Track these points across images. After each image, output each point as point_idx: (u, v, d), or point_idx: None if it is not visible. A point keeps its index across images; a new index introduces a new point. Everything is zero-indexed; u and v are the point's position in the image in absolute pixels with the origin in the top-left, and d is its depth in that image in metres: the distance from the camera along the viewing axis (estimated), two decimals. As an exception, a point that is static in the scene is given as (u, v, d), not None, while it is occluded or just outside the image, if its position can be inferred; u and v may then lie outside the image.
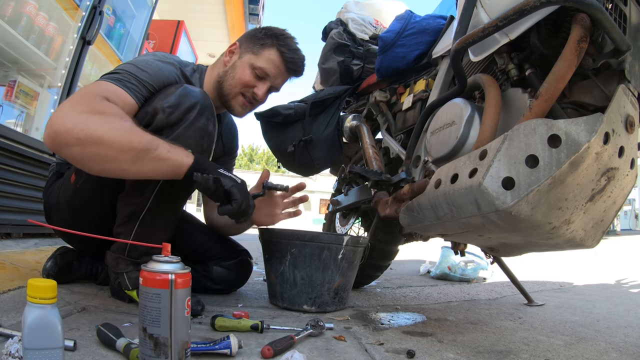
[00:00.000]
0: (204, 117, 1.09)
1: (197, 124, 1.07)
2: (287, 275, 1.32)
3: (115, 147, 0.90)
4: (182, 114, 1.06)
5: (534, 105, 0.86)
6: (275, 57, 1.29)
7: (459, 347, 1.03)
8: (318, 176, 26.08)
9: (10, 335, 0.71)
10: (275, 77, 1.31)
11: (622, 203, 0.93)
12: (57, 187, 1.27)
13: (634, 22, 0.86)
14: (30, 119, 2.36)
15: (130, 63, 1.13)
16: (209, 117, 1.10)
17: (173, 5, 5.30)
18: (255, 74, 1.28)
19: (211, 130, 1.11)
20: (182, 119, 1.06)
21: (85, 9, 2.51)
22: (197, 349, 0.79)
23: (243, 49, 1.31)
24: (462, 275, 2.40)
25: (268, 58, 1.28)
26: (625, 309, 1.69)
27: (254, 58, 1.28)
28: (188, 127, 1.06)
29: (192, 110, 1.07)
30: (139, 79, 1.08)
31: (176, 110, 1.05)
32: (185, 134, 1.06)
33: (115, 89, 1.03)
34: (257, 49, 1.29)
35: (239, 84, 1.28)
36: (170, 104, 1.05)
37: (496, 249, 1.16)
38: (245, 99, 1.30)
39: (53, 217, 1.27)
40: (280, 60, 1.29)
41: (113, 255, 1.16)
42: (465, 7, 1.02)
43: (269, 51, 1.29)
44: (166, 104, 1.05)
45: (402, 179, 1.28)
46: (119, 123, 0.92)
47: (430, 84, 1.51)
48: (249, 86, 1.29)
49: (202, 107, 1.09)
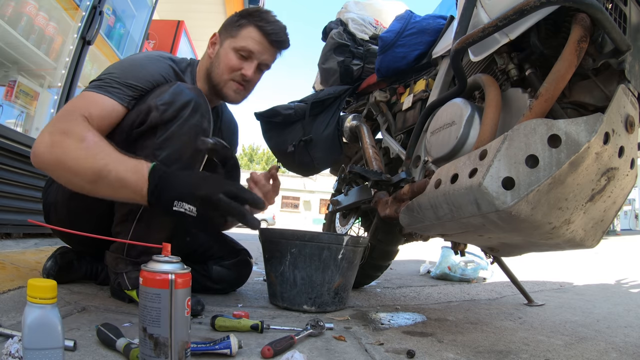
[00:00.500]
0: (198, 113, 1.09)
1: (191, 120, 1.07)
2: (287, 275, 1.32)
3: (71, 171, 0.92)
4: (176, 111, 1.06)
5: (534, 105, 0.86)
6: (254, 34, 1.27)
7: (459, 347, 1.03)
8: (318, 176, 26.09)
9: (10, 335, 0.71)
10: (261, 52, 1.28)
11: (622, 203, 0.94)
12: (55, 187, 1.27)
13: (634, 22, 0.86)
14: (30, 119, 2.36)
15: (116, 65, 1.14)
16: (204, 114, 1.10)
17: (173, 5, 5.30)
18: (239, 56, 1.26)
19: (206, 127, 1.11)
20: (176, 116, 1.06)
21: (85, 9, 2.51)
22: (197, 349, 0.79)
23: (222, 37, 1.30)
24: (462, 275, 2.40)
25: (247, 36, 1.26)
26: (625, 309, 1.69)
27: (233, 41, 1.27)
28: (182, 124, 1.06)
29: (186, 108, 1.07)
30: (123, 82, 1.08)
31: (170, 107, 1.06)
32: (179, 131, 1.06)
33: (96, 99, 1.04)
34: (235, 31, 1.28)
35: (226, 70, 1.27)
36: (164, 102, 1.06)
37: (496, 249, 1.16)
38: (237, 83, 1.29)
39: (52, 217, 1.27)
40: (260, 35, 1.27)
41: (112, 255, 1.16)
42: (465, 7, 1.02)
43: (246, 29, 1.27)
44: (160, 101, 1.06)
45: (402, 179, 1.28)
46: (76, 146, 0.92)
47: (430, 84, 1.51)
48: (236, 69, 1.27)
49: (197, 104, 1.09)
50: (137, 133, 1.09)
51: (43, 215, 1.33)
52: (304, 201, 31.87)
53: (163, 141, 1.07)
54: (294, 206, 31.80)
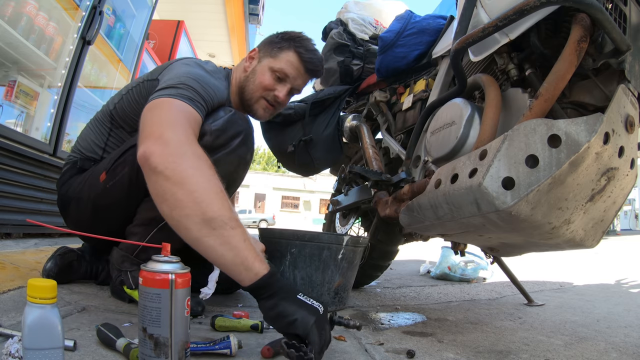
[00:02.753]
0: (245, 146, 1.13)
1: (238, 151, 1.11)
2: (287, 275, 1.32)
3: (194, 197, 0.79)
4: (227, 139, 1.09)
5: (534, 105, 0.86)
6: (294, 59, 1.31)
7: (459, 347, 1.03)
8: (318, 176, 26.10)
9: (10, 335, 0.71)
10: (295, 78, 1.32)
11: (622, 203, 0.94)
12: (79, 181, 1.25)
13: (634, 22, 0.86)
14: (30, 119, 2.36)
15: (190, 77, 1.06)
16: (250, 147, 1.15)
17: (173, 5, 5.30)
18: (275, 77, 1.30)
19: (248, 160, 1.17)
20: (225, 144, 1.09)
21: (85, 9, 2.51)
22: (197, 349, 0.79)
23: (262, 54, 1.33)
24: (462, 275, 2.40)
25: (286, 60, 1.30)
26: (625, 309, 1.69)
27: (272, 61, 1.30)
28: (229, 153, 1.10)
29: (237, 138, 1.11)
30: (203, 98, 1.04)
31: (222, 134, 1.08)
32: (225, 159, 1.09)
33: (191, 112, 0.98)
34: (275, 52, 1.31)
35: (259, 88, 1.30)
36: (218, 128, 1.08)
37: (496, 249, 1.16)
38: (268, 103, 1.32)
39: (71, 211, 1.26)
40: (298, 61, 1.31)
41: (120, 252, 1.16)
42: (465, 7, 1.02)
43: (286, 53, 1.31)
44: (214, 127, 1.07)
45: (402, 179, 1.28)
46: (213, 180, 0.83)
47: (430, 84, 1.51)
48: (270, 89, 1.30)
49: (246, 136, 1.13)
50: None
51: (58, 207, 1.31)
52: (304, 201, 31.88)
53: None
54: (294, 206, 31.80)
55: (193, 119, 0.97)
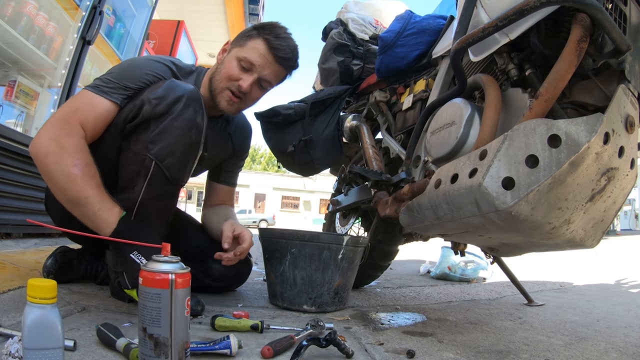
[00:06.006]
0: (191, 108, 1.09)
1: (184, 115, 1.08)
2: (287, 275, 1.32)
3: (58, 186, 1.03)
4: (168, 105, 1.07)
5: (534, 105, 0.86)
6: (260, 46, 1.25)
7: (459, 347, 1.03)
8: (318, 176, 26.10)
9: (10, 335, 0.71)
10: (263, 67, 1.26)
11: (622, 203, 0.94)
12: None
13: (634, 22, 0.86)
14: (30, 119, 2.36)
15: (117, 66, 1.21)
16: (197, 109, 1.10)
17: (173, 5, 5.30)
18: (240, 66, 1.25)
19: (199, 122, 1.11)
20: (168, 110, 1.07)
21: (85, 9, 2.51)
22: (197, 349, 0.79)
23: (232, 45, 1.30)
24: (462, 275, 2.40)
25: (252, 47, 1.25)
26: (625, 309, 1.69)
27: (239, 50, 1.26)
28: (175, 119, 1.07)
29: (179, 102, 1.07)
30: (118, 82, 1.13)
31: (162, 101, 1.07)
32: (172, 125, 1.06)
33: (93, 99, 1.10)
34: (243, 41, 1.27)
35: (224, 78, 1.26)
36: (157, 96, 1.07)
37: (496, 249, 1.16)
38: (232, 94, 1.26)
39: (50, 208, 1.28)
40: (265, 49, 1.25)
41: (111, 254, 1.16)
42: (465, 7, 1.02)
43: (253, 41, 1.26)
44: (153, 95, 1.07)
45: (402, 179, 1.28)
46: (68, 169, 1.01)
47: (430, 84, 1.51)
48: (234, 79, 1.25)
49: (189, 99, 1.09)
50: (130, 127, 1.09)
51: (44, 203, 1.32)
52: (304, 201, 31.88)
53: (156, 135, 1.07)
54: (294, 206, 31.80)
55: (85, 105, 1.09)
